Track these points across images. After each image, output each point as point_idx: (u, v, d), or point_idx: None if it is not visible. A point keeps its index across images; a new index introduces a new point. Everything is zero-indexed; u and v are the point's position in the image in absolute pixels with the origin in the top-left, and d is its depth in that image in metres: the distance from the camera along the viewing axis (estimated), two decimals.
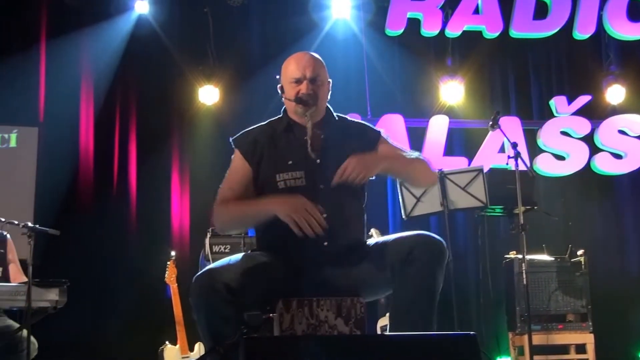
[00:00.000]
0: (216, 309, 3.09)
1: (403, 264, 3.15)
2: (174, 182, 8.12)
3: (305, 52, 3.54)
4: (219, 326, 3.10)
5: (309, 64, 3.43)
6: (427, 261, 3.14)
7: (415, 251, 3.14)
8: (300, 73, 3.41)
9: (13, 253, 5.92)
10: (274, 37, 8.40)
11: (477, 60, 8.62)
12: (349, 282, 3.29)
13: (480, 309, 7.60)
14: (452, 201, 6.21)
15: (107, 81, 8.05)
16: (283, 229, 3.25)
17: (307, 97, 3.39)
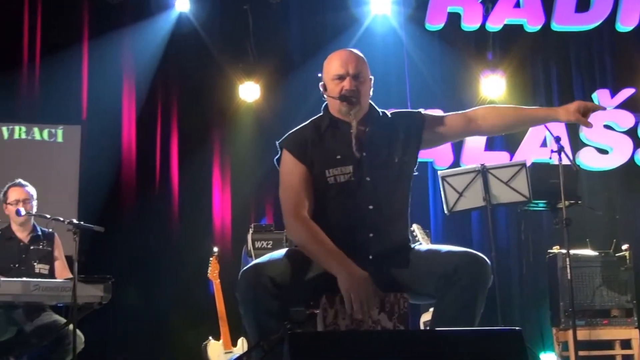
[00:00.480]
0: (262, 303, 3.11)
1: (447, 282, 3.15)
2: (215, 178, 8.16)
3: (347, 49, 3.51)
4: (265, 320, 3.12)
5: (352, 60, 3.41)
6: (472, 283, 3.14)
7: (460, 271, 3.13)
8: (343, 70, 3.39)
9: (60, 250, 6.00)
10: (313, 33, 8.40)
11: (519, 54, 8.54)
12: (393, 283, 3.29)
13: (523, 304, 7.54)
14: (495, 196, 6.15)
15: (148, 79, 8.12)
16: (328, 224, 3.28)
17: (351, 93, 3.37)
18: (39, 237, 5.92)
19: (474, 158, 7.84)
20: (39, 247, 5.88)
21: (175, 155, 8.13)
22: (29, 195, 5.89)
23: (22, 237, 5.88)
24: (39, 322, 5.59)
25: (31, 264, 5.77)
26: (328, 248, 3.22)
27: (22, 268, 5.74)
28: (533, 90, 8.69)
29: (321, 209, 3.38)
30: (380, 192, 3.36)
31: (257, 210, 8.09)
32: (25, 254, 5.82)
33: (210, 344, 6.63)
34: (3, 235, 5.87)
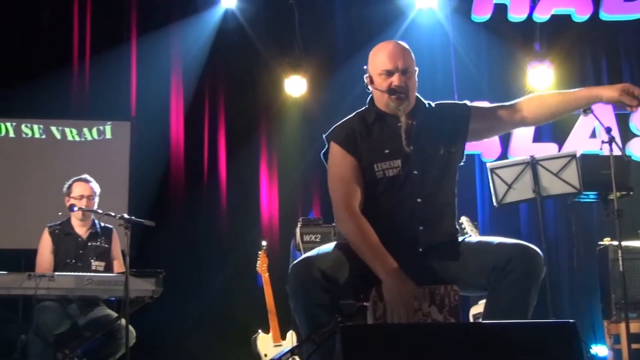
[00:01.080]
0: (313, 296, 3.11)
1: (499, 275, 3.13)
2: (263, 172, 8.20)
3: (394, 42, 3.47)
4: (315, 313, 3.12)
5: (400, 55, 3.37)
6: (524, 275, 3.11)
7: (512, 263, 3.10)
8: (392, 65, 3.36)
9: (117, 247, 6.04)
10: (359, 27, 8.37)
11: (567, 44, 8.43)
12: (442, 275, 3.27)
13: (574, 296, 7.46)
14: (545, 188, 6.07)
15: (195, 75, 8.18)
16: (377, 217, 3.28)
17: (400, 89, 3.34)
18: (98, 233, 5.97)
19: (521, 150, 7.77)
20: (97, 244, 5.92)
21: (222, 150, 8.18)
22: (93, 192, 5.95)
23: (80, 233, 5.93)
24: (92, 316, 5.67)
25: (88, 260, 5.82)
26: (374, 246, 3.22)
27: (79, 264, 5.81)
28: (581, 81, 8.56)
29: (370, 203, 3.37)
30: (428, 185, 3.35)
31: (304, 204, 8.11)
32: (83, 250, 5.87)
33: (259, 337, 6.67)
34: (62, 230, 5.92)
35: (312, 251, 3.32)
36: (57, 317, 5.43)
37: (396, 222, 3.25)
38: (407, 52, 3.42)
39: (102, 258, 5.88)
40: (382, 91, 3.38)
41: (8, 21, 7.99)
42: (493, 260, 3.15)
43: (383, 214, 3.32)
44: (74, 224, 5.95)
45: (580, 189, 6.06)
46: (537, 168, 6.08)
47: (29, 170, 7.68)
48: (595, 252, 6.61)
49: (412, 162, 3.36)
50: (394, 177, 3.34)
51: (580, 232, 6.73)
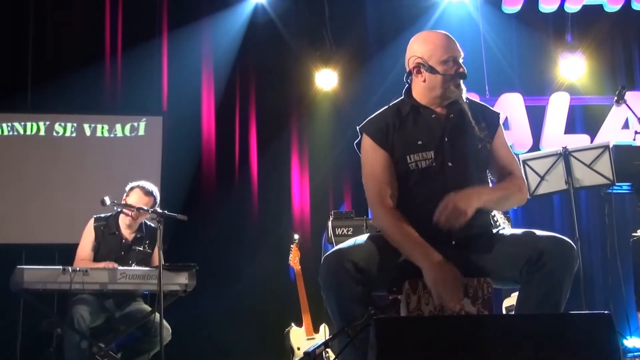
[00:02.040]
0: (345, 287, 3.11)
1: (532, 267, 3.11)
2: (294, 166, 8.20)
3: (442, 31, 3.51)
4: (348, 306, 3.12)
5: (455, 43, 3.45)
6: (558, 268, 3.09)
7: (546, 256, 3.08)
8: (457, 52, 3.43)
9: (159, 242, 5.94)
10: (389, 20, 8.36)
11: (599, 34, 8.36)
12: (476, 268, 3.25)
13: (608, 288, 7.39)
14: (578, 179, 6.04)
15: (226, 69, 8.21)
16: (410, 209, 3.27)
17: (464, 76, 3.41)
18: (143, 237, 5.90)
19: (553, 141, 7.73)
20: (140, 249, 5.85)
21: (254, 144, 8.20)
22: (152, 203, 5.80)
23: (126, 235, 5.86)
24: (127, 310, 5.68)
25: (128, 263, 5.70)
26: (413, 238, 3.21)
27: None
28: (613, 71, 8.51)
29: (403, 195, 3.36)
30: (462, 177, 3.32)
31: (335, 197, 8.11)
32: (126, 253, 5.81)
33: (292, 330, 6.67)
34: (108, 227, 5.85)
35: (344, 243, 3.32)
36: (92, 310, 5.43)
37: (430, 214, 3.23)
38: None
39: (143, 263, 5.77)
40: (448, 75, 3.38)
41: (41, 19, 8.05)
42: (526, 253, 3.13)
43: (417, 206, 3.31)
44: (120, 223, 5.87)
45: (613, 180, 6.01)
46: (570, 159, 6.04)
47: (60, 167, 7.73)
48: (629, 243, 6.55)
49: (447, 153, 3.35)
50: (426, 168, 3.33)
51: (613, 224, 6.64)
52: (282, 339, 6.73)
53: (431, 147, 3.34)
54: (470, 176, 3.35)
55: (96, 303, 5.52)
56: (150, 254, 5.90)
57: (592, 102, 8.33)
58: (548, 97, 8.14)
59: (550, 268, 3.07)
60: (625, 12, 8.34)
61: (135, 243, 5.86)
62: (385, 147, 3.39)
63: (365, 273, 3.13)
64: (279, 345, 6.80)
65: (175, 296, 5.57)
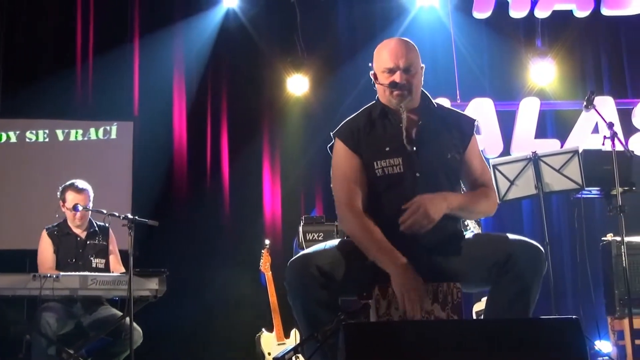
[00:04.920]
0: (311, 292, 3.11)
1: (500, 270, 3.12)
2: (265, 171, 8.19)
3: (398, 40, 3.46)
4: (314, 310, 3.13)
5: (402, 53, 3.36)
6: (526, 270, 3.11)
7: (513, 258, 3.10)
8: (393, 63, 3.35)
9: (114, 244, 6.09)
10: (361, 25, 8.38)
11: (568, 40, 8.41)
12: (444, 272, 3.25)
13: (577, 293, 7.44)
14: (547, 184, 6.08)
15: (198, 74, 8.19)
16: (378, 217, 3.27)
17: (401, 87, 3.34)
18: (96, 232, 6.02)
19: (524, 146, 7.76)
20: (95, 242, 5.98)
21: (225, 149, 8.18)
22: (87, 199, 5.96)
23: (78, 233, 5.99)
24: (97, 316, 5.68)
25: (88, 258, 5.88)
26: (380, 242, 3.21)
27: (80, 263, 5.86)
28: (583, 76, 8.57)
29: (372, 201, 3.36)
30: (432, 188, 3.31)
31: (307, 202, 8.11)
32: (83, 249, 5.93)
33: (263, 335, 6.66)
34: (60, 231, 5.97)
35: (311, 248, 3.33)
36: (61, 317, 5.45)
37: (398, 223, 3.23)
38: (411, 49, 3.41)
39: (102, 255, 5.95)
40: (384, 85, 3.37)
41: (13, 23, 7.98)
42: (494, 256, 3.14)
43: (386, 213, 3.30)
44: (71, 224, 5.99)
45: (582, 185, 6.06)
46: (540, 164, 6.09)
47: (33, 171, 7.67)
48: (598, 248, 6.59)
49: (415, 163, 3.34)
50: (395, 176, 3.32)
51: (583, 228, 6.69)
52: (252, 344, 6.71)
53: (399, 154, 3.34)
54: (441, 187, 3.34)
55: (63, 310, 5.53)
56: (107, 247, 6.01)
57: (562, 107, 8.38)
58: (518, 102, 8.16)
59: (518, 271, 3.08)
60: (594, 17, 8.38)
61: (90, 238, 5.98)
62: (356, 150, 3.39)
63: (331, 277, 3.13)
64: (249, 351, 6.79)
65: (145, 301, 5.60)
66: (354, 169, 3.38)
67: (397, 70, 3.35)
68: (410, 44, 3.43)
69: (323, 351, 3.02)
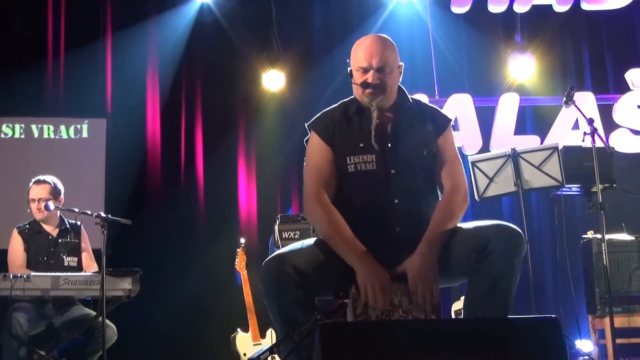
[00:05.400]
0: (286, 292, 3.10)
1: (479, 256, 3.11)
2: (241, 168, 8.17)
3: (374, 38, 3.44)
4: (290, 310, 3.11)
5: (377, 52, 3.35)
6: (504, 253, 3.10)
7: (491, 243, 3.09)
8: (366, 62, 3.35)
9: (86, 242, 6.08)
10: (338, 20, 8.37)
11: (548, 35, 8.43)
12: None
13: (558, 291, 7.47)
14: (527, 181, 6.09)
15: (172, 70, 8.15)
16: (351, 215, 3.26)
17: (373, 87, 3.34)
18: (67, 229, 6.01)
19: (503, 143, 7.78)
20: (67, 240, 5.97)
21: (200, 146, 8.15)
22: (50, 192, 5.93)
23: (50, 231, 5.97)
24: (69, 316, 5.67)
25: (60, 257, 5.88)
26: (345, 235, 3.21)
27: (52, 261, 5.85)
28: (563, 71, 8.61)
29: (342, 197, 3.36)
30: (407, 186, 3.32)
31: (283, 200, 8.10)
32: (54, 247, 5.92)
33: (238, 335, 6.65)
34: (31, 229, 5.95)
35: (285, 247, 3.32)
36: (32, 317, 5.42)
37: (371, 222, 3.24)
38: (387, 47, 3.40)
39: (74, 253, 5.95)
40: (357, 84, 3.37)
41: None
42: (472, 243, 3.14)
43: (357, 212, 3.30)
44: (41, 222, 5.97)
45: (562, 182, 6.08)
46: (519, 161, 6.09)
47: (6, 169, 7.62)
48: (579, 246, 6.63)
49: (390, 160, 3.33)
50: (367, 173, 3.32)
51: (563, 226, 6.71)
52: (228, 345, 6.70)
53: (372, 151, 3.34)
54: (416, 185, 3.35)
55: (34, 310, 5.51)
56: (79, 245, 6.00)
57: (542, 102, 8.41)
58: (498, 98, 8.19)
59: (497, 253, 3.08)
60: (574, 12, 8.40)
61: (61, 236, 5.97)
62: (330, 143, 3.39)
63: (307, 277, 3.11)
64: (225, 351, 6.77)
65: (118, 302, 5.57)
66: (325, 161, 3.39)
67: (370, 70, 3.35)
68: (386, 42, 3.42)
69: (299, 351, 3.01)
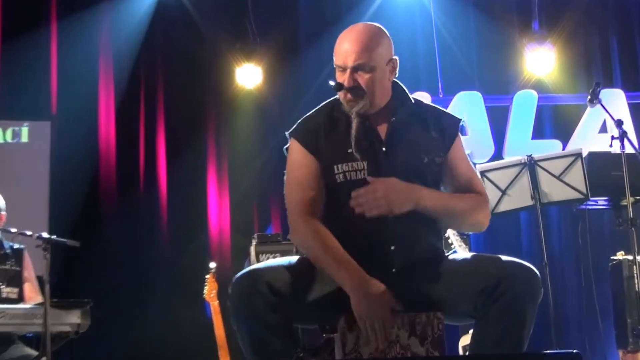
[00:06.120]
0: (259, 315, 3.06)
1: (488, 299, 3.11)
2: (211, 179, 8.18)
3: (357, 30, 3.38)
4: (263, 337, 3.09)
5: (354, 49, 3.29)
6: (518, 299, 3.08)
7: (503, 285, 3.08)
8: (341, 60, 3.32)
9: (29, 270, 6.01)
10: (324, 5, 8.39)
11: (571, 22, 8.49)
12: (423, 300, 3.25)
13: (582, 322, 7.51)
14: (546, 193, 6.10)
15: (129, 64, 8.17)
16: (340, 232, 3.25)
17: (348, 91, 3.31)
18: (7, 255, 5.94)
19: (519, 148, 7.81)
20: (6, 268, 5.88)
21: (162, 154, 8.16)
22: None
23: None
24: (5, 357, 5.60)
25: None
26: (337, 254, 3.20)
27: None
28: (588, 65, 8.67)
29: (331, 213, 3.35)
30: None
31: (261, 217, 8.11)
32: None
33: None
34: None
35: (262, 262, 3.31)
36: None
37: (363, 239, 3.23)
38: (369, 42, 3.33)
39: (14, 283, 5.85)
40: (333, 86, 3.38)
41: None
42: (481, 282, 3.12)
43: (347, 227, 3.28)
44: None
45: (587, 195, 6.09)
46: (536, 170, 6.10)
47: None
48: (607, 268, 6.66)
49: (384, 167, 3.32)
50: (358, 182, 3.28)
51: (588, 246, 6.75)
52: None
53: (364, 157, 3.32)
54: None
55: None
56: (20, 273, 5.92)
57: (564, 101, 8.47)
58: (512, 96, 8.24)
59: (510, 298, 3.07)
60: None
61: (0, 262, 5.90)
62: (314, 152, 3.38)
63: (284, 297, 3.08)
64: None
65: (65, 338, 5.53)
66: (310, 173, 3.37)
67: (346, 69, 3.31)
68: (370, 34, 3.37)
69: None
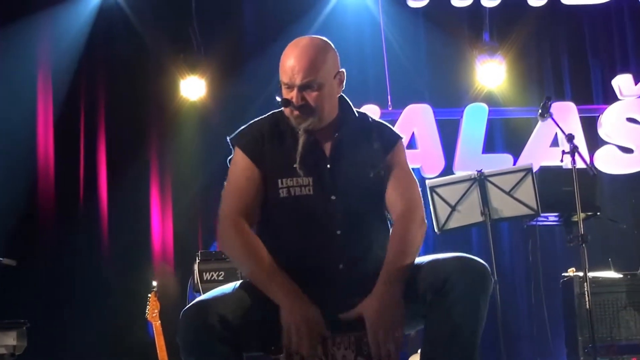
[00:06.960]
0: (209, 349, 3.07)
1: (437, 295, 3.10)
2: (153, 194, 8.15)
3: (302, 44, 3.37)
4: None
5: (300, 67, 3.29)
6: (467, 292, 3.08)
7: (452, 279, 3.08)
8: (287, 78, 3.32)
9: None
10: (270, 16, 8.40)
11: (522, 34, 8.57)
12: None
13: (533, 338, 7.57)
14: (496, 209, 6.15)
15: (68, 76, 8.11)
16: (283, 249, 3.26)
17: (298, 109, 3.32)
18: None
19: (470, 163, 7.84)
20: None
21: (103, 168, 8.11)
22: None
23: None
24: None
25: None
26: (267, 266, 3.21)
27: None
28: (539, 78, 8.73)
29: (271, 228, 3.36)
30: (351, 214, 3.32)
31: (205, 234, 8.08)
32: None
33: None
34: None
35: (208, 293, 3.29)
36: None
37: (309, 258, 3.24)
38: (316, 59, 3.34)
39: None
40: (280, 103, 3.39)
41: None
42: (429, 281, 3.14)
43: (290, 246, 3.29)
44: None
45: (537, 211, 6.14)
46: (486, 185, 6.13)
47: None
48: (558, 285, 6.74)
49: (329, 184, 3.34)
50: (303, 198, 3.31)
51: (539, 262, 6.84)
52: None
53: (309, 173, 3.33)
54: (361, 213, 3.36)
55: None
56: None
57: (515, 114, 8.53)
58: (463, 109, 8.29)
59: (458, 293, 3.07)
60: (553, 6, 8.56)
61: None
62: (257, 161, 3.38)
63: (234, 330, 3.09)
64: None
65: None
66: (250, 180, 3.36)
67: (294, 87, 3.31)
68: (317, 50, 3.37)
69: None
